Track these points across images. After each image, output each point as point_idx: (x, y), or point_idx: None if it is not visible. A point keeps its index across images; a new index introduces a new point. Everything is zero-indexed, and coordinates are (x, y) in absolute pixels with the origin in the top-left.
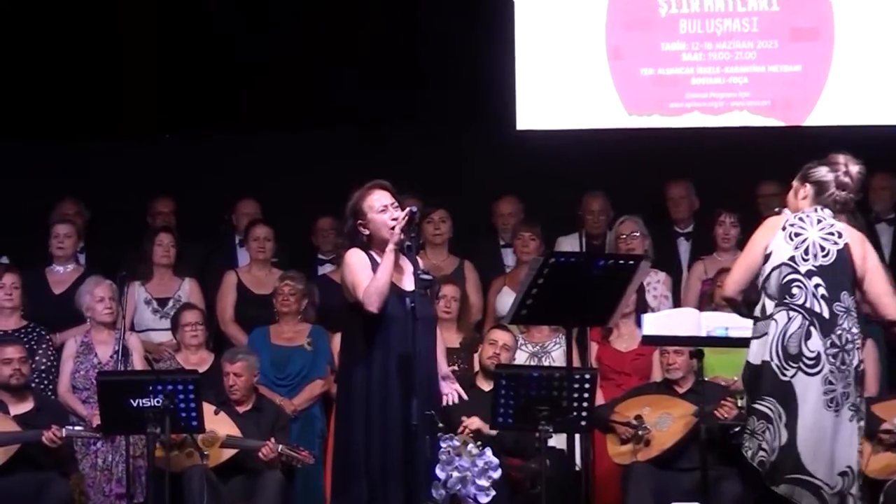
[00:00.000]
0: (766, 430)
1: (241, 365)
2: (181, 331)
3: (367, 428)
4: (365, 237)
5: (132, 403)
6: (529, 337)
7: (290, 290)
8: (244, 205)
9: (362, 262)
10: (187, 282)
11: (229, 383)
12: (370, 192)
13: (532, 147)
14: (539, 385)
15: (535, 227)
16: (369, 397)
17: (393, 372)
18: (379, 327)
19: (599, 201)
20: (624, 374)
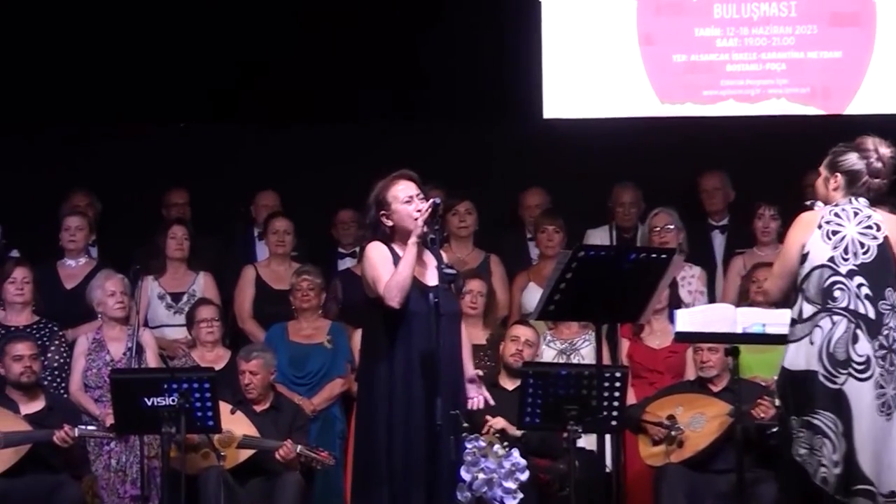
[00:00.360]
0: (824, 445)
1: (256, 363)
2: (196, 327)
3: (389, 428)
4: (388, 229)
5: (146, 402)
6: (557, 333)
7: (309, 285)
8: (263, 197)
9: (383, 255)
10: (202, 276)
11: (245, 382)
12: (395, 182)
13: (560, 136)
14: (568, 383)
15: (557, 219)
16: (391, 396)
17: (416, 370)
18: (401, 323)
19: (630, 193)
20: (656, 372)
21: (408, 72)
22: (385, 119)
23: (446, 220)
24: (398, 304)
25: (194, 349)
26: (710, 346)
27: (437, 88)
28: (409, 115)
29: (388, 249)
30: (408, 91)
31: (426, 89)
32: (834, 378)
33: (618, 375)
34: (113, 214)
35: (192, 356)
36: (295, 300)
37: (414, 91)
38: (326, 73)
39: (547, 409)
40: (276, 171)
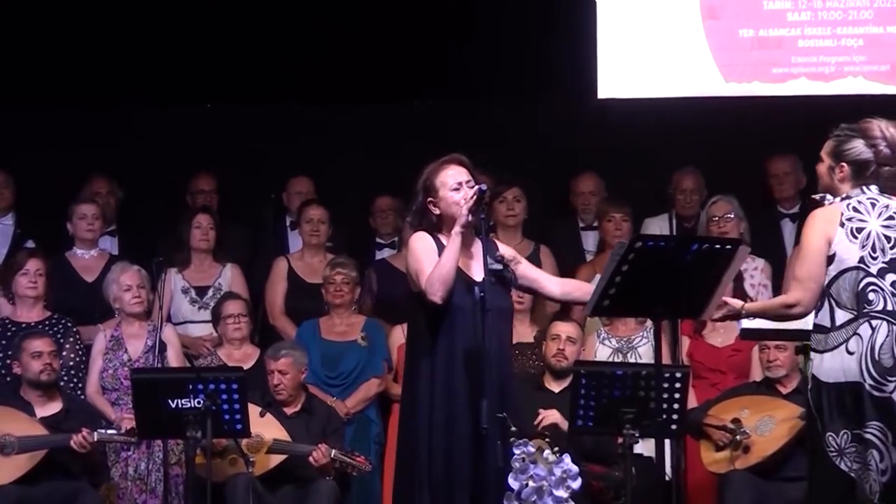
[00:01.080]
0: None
1: (285, 361)
2: (223, 323)
3: (431, 432)
4: (434, 217)
5: (170, 404)
6: (613, 330)
7: (343, 279)
8: (296, 183)
9: (427, 247)
10: (229, 268)
11: (274, 382)
12: (445, 166)
13: (615, 118)
14: (624, 384)
15: (625, 206)
16: (433, 398)
17: (459, 369)
18: (444, 319)
19: (692, 179)
20: (719, 372)
21: (453, 49)
22: (429, 99)
23: (493, 209)
24: (440, 298)
25: (220, 347)
26: (777, 344)
27: (483, 66)
28: (453, 94)
29: (433, 240)
30: (451, 69)
31: (472, 67)
32: (883, 386)
33: (678, 376)
34: (134, 202)
35: (218, 355)
36: (328, 295)
37: (458, 69)
38: (367, 51)
39: (601, 412)
40: (310, 155)
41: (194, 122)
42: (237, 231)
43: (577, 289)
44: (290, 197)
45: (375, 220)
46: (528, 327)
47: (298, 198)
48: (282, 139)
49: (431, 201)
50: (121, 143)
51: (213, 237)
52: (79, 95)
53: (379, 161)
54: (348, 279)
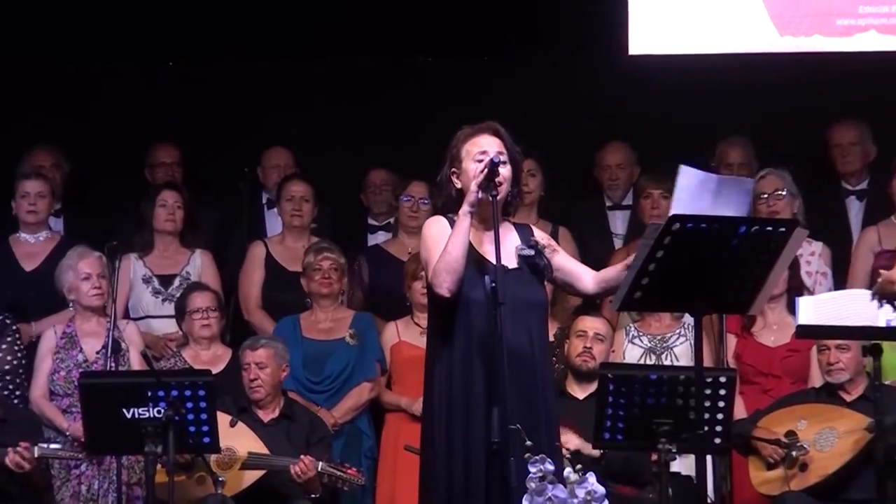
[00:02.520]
0: None
1: (265, 353)
2: (188, 319)
3: (449, 445)
4: (454, 191)
5: (126, 414)
6: (644, 327)
7: (331, 265)
8: (273, 154)
9: (440, 232)
10: (198, 255)
11: (250, 377)
12: (476, 134)
13: (649, 78)
14: (658, 390)
15: (665, 180)
16: (451, 405)
17: (476, 372)
18: (457, 316)
19: (739, 150)
20: (772, 376)
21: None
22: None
23: None
24: (448, 290)
25: (185, 347)
26: (839, 344)
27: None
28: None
29: (448, 222)
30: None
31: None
32: None
33: (722, 381)
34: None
35: (182, 356)
36: (311, 284)
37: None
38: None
39: (632, 423)
40: (290, 121)
41: (153, 84)
42: (206, 211)
43: (612, 276)
44: (266, 171)
45: (368, 198)
46: None
47: (277, 172)
48: (257, 103)
49: (455, 172)
50: (67, 108)
51: (181, 218)
52: (16, 53)
53: (373, 128)
54: (336, 265)
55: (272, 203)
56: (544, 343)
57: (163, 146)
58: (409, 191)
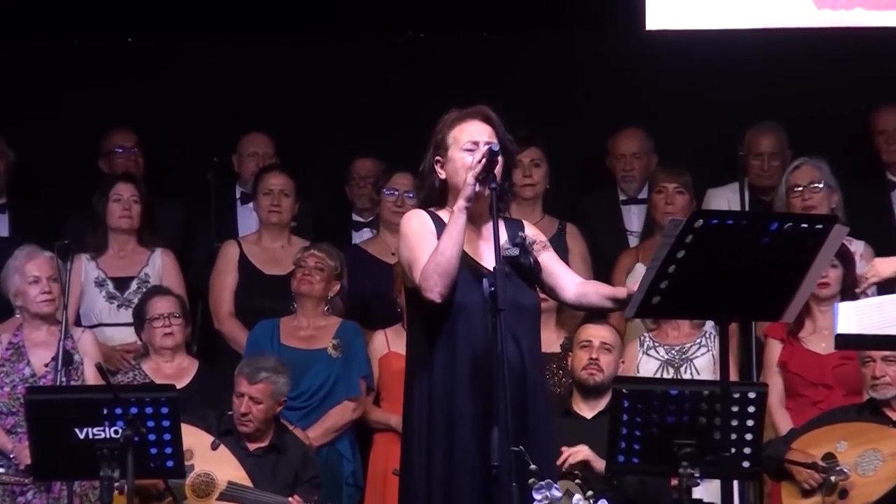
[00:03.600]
0: None
1: (263, 388)
2: (148, 327)
3: (429, 468)
4: (438, 184)
5: (78, 434)
6: (661, 336)
7: (317, 263)
8: (250, 141)
9: (423, 228)
10: (158, 255)
11: (242, 410)
12: (464, 119)
13: (667, 57)
14: (679, 407)
15: (682, 173)
16: (432, 425)
17: (464, 388)
18: (445, 323)
19: (771, 138)
20: (823, 386)
21: None
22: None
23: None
24: (439, 295)
25: (145, 359)
26: (886, 356)
27: None
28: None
29: (431, 219)
30: None
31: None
32: None
33: (752, 396)
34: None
35: (142, 369)
36: (294, 283)
37: None
38: None
39: (649, 445)
40: (267, 105)
41: (110, 59)
42: (168, 206)
43: (593, 290)
44: (241, 160)
45: (352, 190)
46: (552, 332)
47: (255, 161)
48: (229, 83)
49: (439, 161)
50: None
51: (138, 213)
52: None
53: (361, 113)
54: (323, 265)
55: (247, 197)
56: (536, 351)
57: (120, 131)
58: (393, 183)
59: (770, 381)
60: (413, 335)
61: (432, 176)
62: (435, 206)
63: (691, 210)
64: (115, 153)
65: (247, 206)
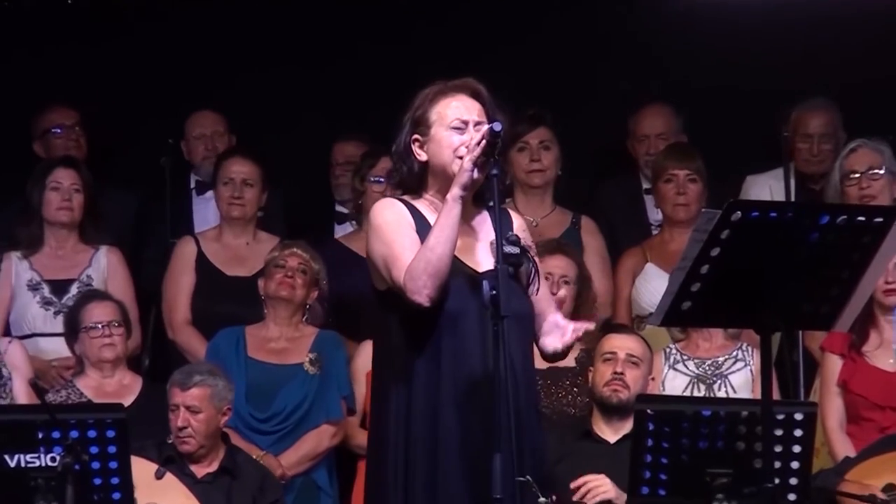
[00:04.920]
0: None
1: (199, 393)
2: (84, 338)
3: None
4: (416, 166)
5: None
6: (690, 349)
7: (300, 265)
8: (199, 120)
9: (399, 219)
10: (104, 253)
11: (178, 424)
12: (449, 94)
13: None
14: (713, 431)
15: (693, 158)
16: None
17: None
18: (433, 333)
19: (822, 117)
20: (891, 409)
21: None
22: None
23: (509, 160)
24: (428, 298)
25: (82, 375)
26: None
27: None
28: None
29: (406, 208)
30: None
31: None
32: None
33: (798, 418)
34: None
35: (77, 386)
36: (270, 286)
37: None
38: None
39: (679, 474)
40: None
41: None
42: (115, 196)
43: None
44: (190, 144)
45: (335, 176)
46: None
47: (202, 145)
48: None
49: (418, 140)
50: None
51: (80, 204)
52: None
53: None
54: (306, 268)
55: (203, 187)
56: (530, 367)
57: (58, 108)
58: (379, 170)
59: (828, 402)
60: (385, 345)
61: (410, 159)
62: (409, 193)
63: (705, 200)
64: (52, 134)
65: (203, 197)
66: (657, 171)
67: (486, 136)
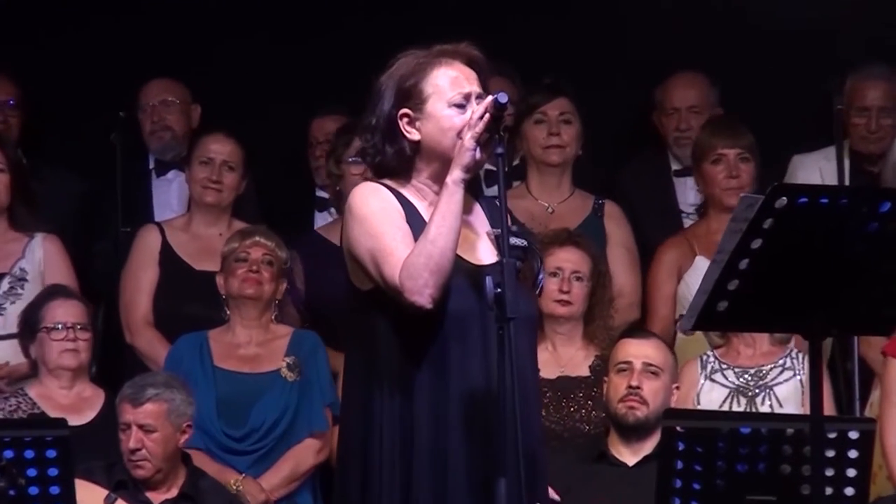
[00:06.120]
0: None
1: (154, 409)
2: (43, 339)
3: None
4: (408, 147)
5: None
6: (730, 356)
7: (265, 255)
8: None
9: (386, 206)
10: (39, 242)
11: (131, 445)
12: (442, 62)
13: None
14: (754, 452)
15: (743, 134)
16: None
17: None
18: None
19: (881, 87)
20: None
21: None
22: None
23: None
24: (430, 299)
25: (34, 383)
26: None
27: None
28: None
29: (393, 195)
30: None
31: None
32: None
33: (853, 437)
34: None
35: (29, 396)
36: (233, 283)
37: None
38: None
39: (713, 501)
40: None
41: None
42: (59, 177)
43: None
44: (141, 117)
45: (315, 160)
46: (579, 350)
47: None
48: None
49: (408, 117)
50: None
51: (7, 186)
52: None
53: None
54: (272, 258)
55: (163, 167)
56: (536, 376)
57: None
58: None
59: (889, 417)
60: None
61: (397, 137)
62: (393, 177)
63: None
64: None
65: (164, 178)
66: (702, 150)
67: (489, 109)
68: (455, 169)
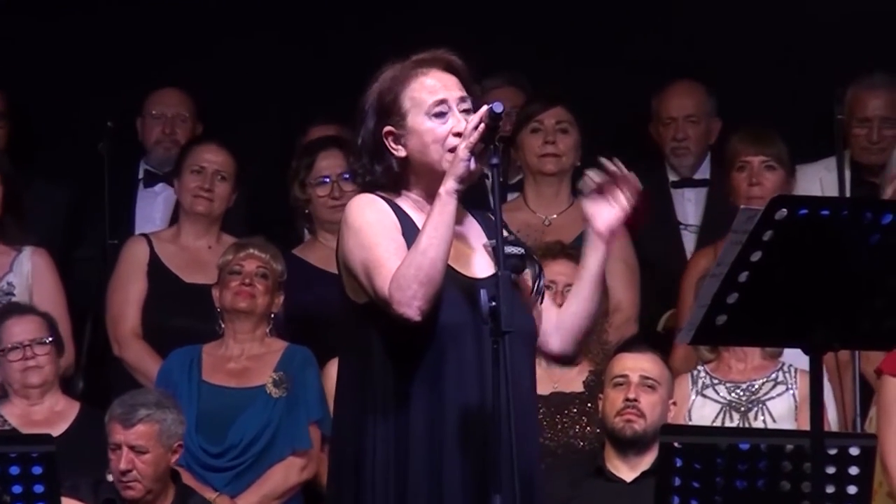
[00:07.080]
0: None
1: (146, 430)
2: (3, 361)
3: None
4: (395, 164)
5: None
6: (721, 371)
7: (259, 268)
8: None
9: (381, 219)
10: (28, 256)
11: (121, 467)
12: (420, 72)
13: None
14: (752, 468)
15: (772, 142)
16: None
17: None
18: (429, 353)
19: (883, 96)
20: None
21: None
22: None
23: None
24: (418, 311)
25: (5, 402)
26: None
27: None
28: None
29: (388, 206)
30: None
31: None
32: None
33: (854, 453)
34: None
35: (2, 412)
36: (226, 296)
37: None
38: None
39: None
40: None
41: None
42: (47, 189)
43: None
44: (145, 124)
45: None
46: None
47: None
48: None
49: (392, 133)
50: None
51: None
52: None
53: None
54: (267, 271)
55: (153, 177)
56: (534, 393)
57: None
58: (320, 168)
59: (888, 434)
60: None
61: (384, 155)
62: (389, 192)
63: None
64: None
65: (150, 190)
66: (729, 157)
67: (484, 119)
68: (449, 179)
